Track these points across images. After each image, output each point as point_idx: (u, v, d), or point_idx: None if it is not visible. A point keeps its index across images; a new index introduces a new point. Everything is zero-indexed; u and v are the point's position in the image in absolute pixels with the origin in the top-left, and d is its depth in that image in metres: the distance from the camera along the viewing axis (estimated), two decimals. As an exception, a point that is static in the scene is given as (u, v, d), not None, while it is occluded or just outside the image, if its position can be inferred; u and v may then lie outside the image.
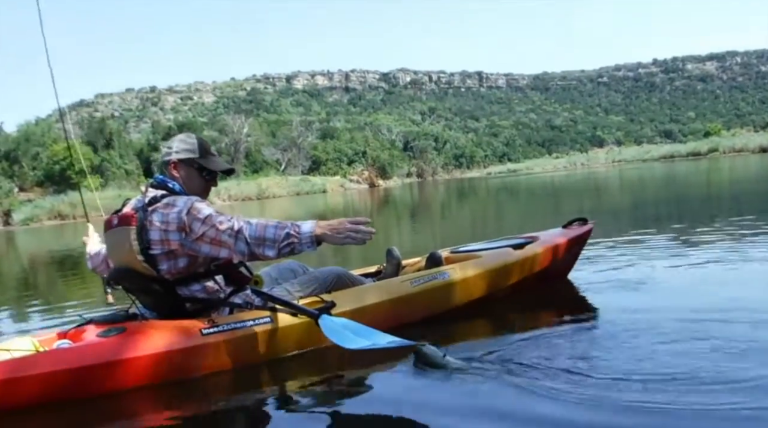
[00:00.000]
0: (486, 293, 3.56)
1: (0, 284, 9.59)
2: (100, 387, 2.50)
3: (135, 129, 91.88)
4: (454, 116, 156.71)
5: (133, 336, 2.57)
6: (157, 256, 2.65)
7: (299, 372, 2.77)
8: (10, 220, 38.10)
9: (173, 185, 2.80)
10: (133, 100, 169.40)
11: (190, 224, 2.63)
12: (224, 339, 2.67)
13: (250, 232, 2.63)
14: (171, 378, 2.60)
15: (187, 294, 2.75)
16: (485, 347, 2.79)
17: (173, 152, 2.83)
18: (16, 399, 2.38)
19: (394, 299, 3.16)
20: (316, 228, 2.65)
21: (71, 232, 24.64)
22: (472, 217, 13.92)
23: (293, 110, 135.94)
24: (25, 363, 2.43)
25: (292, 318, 2.81)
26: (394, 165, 68.34)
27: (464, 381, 2.41)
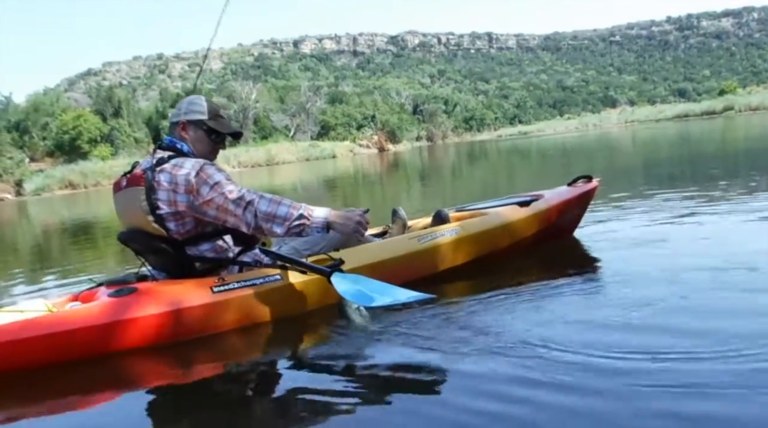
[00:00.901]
0: (491, 250, 3.58)
1: (13, 251, 9.72)
2: (112, 346, 2.52)
3: (143, 97, 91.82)
4: (464, 78, 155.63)
5: (143, 295, 2.59)
6: (165, 216, 2.65)
7: (309, 329, 2.77)
8: (21, 190, 38.37)
9: (182, 146, 2.80)
10: (140, 68, 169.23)
11: (198, 188, 2.63)
12: (234, 297, 2.69)
13: (262, 206, 2.65)
14: (182, 336, 2.62)
15: (197, 254, 2.75)
16: (487, 305, 2.82)
17: (182, 113, 2.84)
18: (29, 358, 2.42)
19: (401, 256, 3.18)
20: (329, 215, 2.72)
21: (83, 201, 24.79)
22: (482, 179, 13.80)
23: (301, 74, 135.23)
24: (37, 323, 2.46)
25: (302, 276, 2.82)
26: (404, 129, 67.89)
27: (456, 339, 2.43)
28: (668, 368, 1.96)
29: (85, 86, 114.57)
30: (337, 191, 14.51)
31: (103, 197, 26.03)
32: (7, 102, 50.36)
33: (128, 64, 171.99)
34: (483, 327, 2.52)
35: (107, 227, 12.14)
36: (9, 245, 11.10)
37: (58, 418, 2.23)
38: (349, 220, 2.74)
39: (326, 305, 2.88)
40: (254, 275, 2.78)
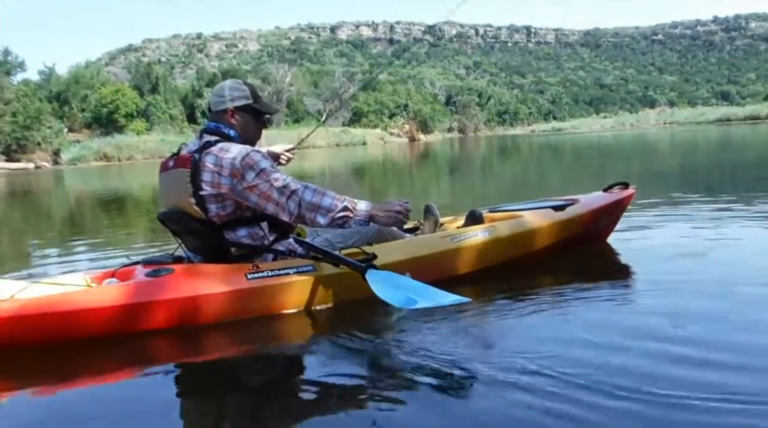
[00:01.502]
0: (524, 253, 3.55)
1: (49, 220, 9.91)
2: (147, 324, 2.57)
3: (180, 75, 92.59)
4: (500, 71, 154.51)
5: (180, 277, 2.64)
6: (207, 198, 2.68)
7: (338, 321, 2.77)
8: (58, 159, 39.05)
9: (228, 131, 2.82)
10: (179, 47, 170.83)
11: (243, 173, 2.65)
12: (268, 285, 2.72)
13: (307, 196, 2.69)
14: (215, 320, 2.67)
15: (234, 239, 2.77)
16: (516, 306, 2.84)
17: (227, 100, 2.84)
18: (66, 331, 2.47)
19: (434, 254, 3.16)
20: (371, 209, 2.76)
21: (116, 174, 25.13)
22: (513, 175, 13.64)
23: (336, 60, 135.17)
24: (77, 297, 2.52)
25: (334, 268, 2.83)
26: (436, 119, 67.64)
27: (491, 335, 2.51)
28: (696, 379, 1.92)
29: (125, 61, 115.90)
30: (365, 180, 14.44)
31: (136, 172, 26.33)
32: (50, 73, 51.01)
33: (167, 41, 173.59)
34: (509, 330, 2.55)
35: (138, 201, 12.28)
36: (44, 213, 11.30)
37: (86, 392, 2.26)
38: (390, 211, 2.77)
39: (357, 298, 2.84)
40: (288, 265, 2.80)
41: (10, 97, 40.22)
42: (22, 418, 2.01)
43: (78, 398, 2.18)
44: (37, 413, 2.04)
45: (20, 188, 19.25)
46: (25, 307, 2.44)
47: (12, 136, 38.51)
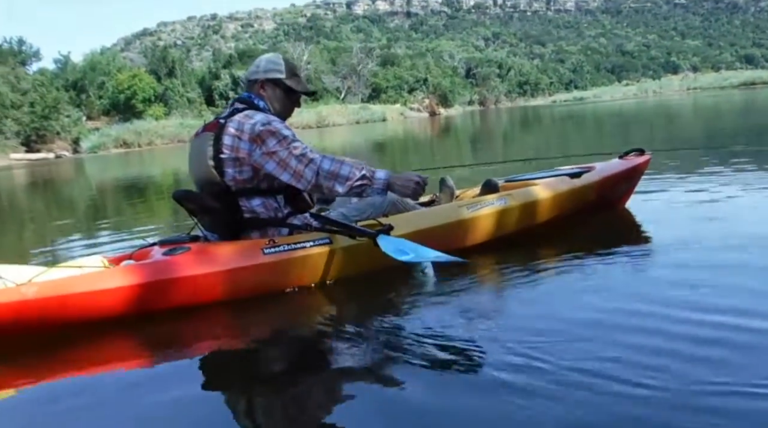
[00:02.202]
0: (541, 221, 3.58)
1: (71, 208, 10.01)
2: (164, 303, 2.60)
3: (197, 57, 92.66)
4: (519, 41, 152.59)
5: (197, 254, 2.67)
6: (225, 160, 2.72)
7: (356, 294, 2.80)
8: (78, 148, 39.38)
9: (258, 101, 2.87)
10: (194, 29, 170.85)
11: (264, 139, 2.69)
12: (284, 259, 2.74)
13: (325, 165, 2.70)
14: (232, 296, 2.69)
15: (248, 207, 2.79)
16: (531, 272, 2.88)
17: (261, 71, 2.90)
18: (85, 312, 2.50)
19: (450, 223, 3.17)
20: (389, 178, 2.76)
21: (136, 160, 25.31)
22: (534, 146, 13.50)
23: (353, 36, 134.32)
24: (95, 278, 2.55)
25: (350, 241, 2.85)
26: (456, 93, 67.03)
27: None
28: (713, 351, 1.88)
29: (141, 46, 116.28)
30: (386, 155, 14.39)
31: (156, 157, 26.51)
32: (66, 61, 51.26)
33: (182, 24, 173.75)
34: (527, 299, 2.56)
35: (159, 186, 12.35)
36: (66, 201, 11.41)
37: (102, 375, 2.28)
38: (408, 181, 2.76)
39: (373, 269, 2.90)
40: (304, 239, 2.81)
41: (27, 87, 40.55)
42: (40, 403, 2.01)
43: (94, 381, 2.20)
44: (52, 398, 2.04)
45: (41, 178, 19.45)
46: (43, 290, 2.45)
47: (31, 126, 38.86)
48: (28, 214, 9.87)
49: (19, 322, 2.44)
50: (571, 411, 1.61)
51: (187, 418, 1.83)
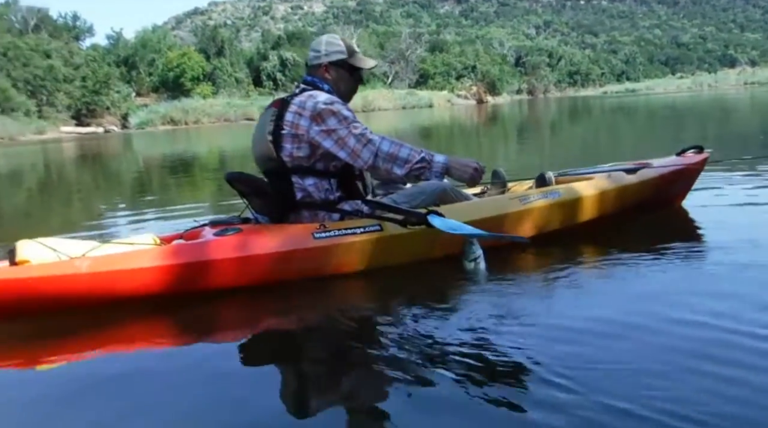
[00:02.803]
0: (595, 216, 3.49)
1: (118, 182, 10.27)
2: (214, 283, 2.63)
3: (246, 38, 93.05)
4: (571, 30, 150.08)
5: (248, 235, 2.70)
6: (284, 136, 2.75)
7: (405, 282, 2.78)
8: (127, 123, 40.17)
9: (322, 85, 2.90)
10: (245, 9, 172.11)
11: (324, 117, 2.72)
12: (335, 244, 2.75)
13: (384, 146, 2.73)
14: (282, 278, 2.71)
15: (300, 185, 2.81)
16: (583, 270, 2.87)
17: (323, 55, 2.91)
18: (136, 289, 2.54)
19: (502, 215, 3.13)
20: (448, 161, 2.76)
21: (183, 137, 25.67)
22: (583, 138, 13.23)
23: (403, 21, 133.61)
24: (147, 255, 2.59)
25: (401, 229, 2.83)
26: (504, 81, 66.21)
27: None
28: None
29: (191, 25, 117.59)
30: (431, 142, 14.26)
31: (203, 135, 26.82)
32: (118, 38, 52.19)
33: (233, 4, 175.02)
34: (577, 295, 2.53)
35: (205, 164, 12.48)
36: (114, 176, 11.61)
37: (149, 349, 2.33)
38: (467, 167, 2.76)
39: (422, 259, 2.89)
40: (354, 225, 2.82)
41: (80, 62, 41.53)
42: (91, 377, 2.03)
43: (140, 358, 2.21)
44: (99, 373, 2.06)
45: (90, 152, 19.87)
46: (96, 264, 2.49)
47: (82, 100, 39.83)
48: (75, 187, 10.05)
49: (72, 296, 2.47)
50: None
51: (223, 398, 1.81)
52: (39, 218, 6.65)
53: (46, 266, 2.48)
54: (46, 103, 38.85)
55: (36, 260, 2.50)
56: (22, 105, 36.86)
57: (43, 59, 39.60)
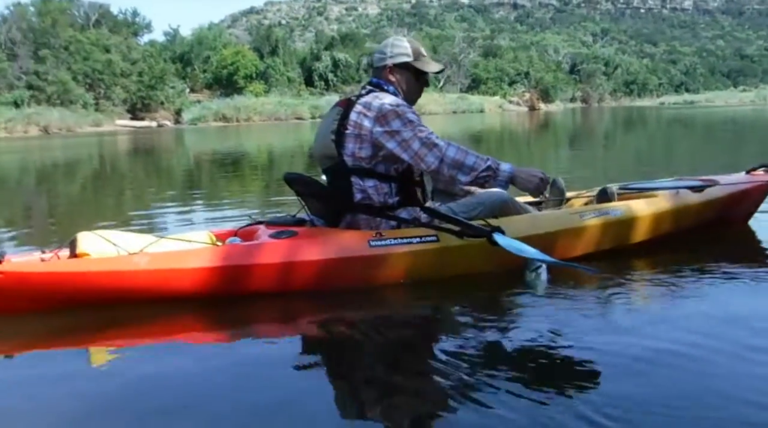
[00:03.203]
0: (658, 235, 3.37)
1: (168, 177, 10.45)
2: (269, 286, 2.63)
3: (300, 38, 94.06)
4: (630, 39, 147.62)
5: (303, 240, 2.70)
6: (347, 135, 2.74)
7: (460, 295, 2.74)
8: (180, 119, 40.94)
9: (387, 87, 2.89)
10: (300, 9, 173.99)
11: (389, 119, 2.70)
12: (390, 253, 2.72)
13: (450, 152, 2.69)
14: (336, 285, 2.69)
15: (360, 186, 2.78)
16: (644, 290, 2.78)
17: (388, 57, 2.91)
18: (192, 287, 2.55)
19: (562, 230, 3.06)
20: (514, 170, 2.73)
21: (234, 134, 25.96)
22: (638, 149, 12.87)
23: (456, 25, 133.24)
24: (204, 254, 2.62)
25: (458, 240, 2.79)
26: (558, 88, 65.35)
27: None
28: None
29: (247, 24, 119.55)
30: (481, 148, 14.05)
31: (253, 133, 27.09)
32: (174, 34, 53.20)
33: (288, 4, 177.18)
34: (640, 314, 2.44)
35: (255, 162, 12.54)
36: (165, 170, 11.77)
37: (210, 348, 2.34)
38: (532, 177, 2.73)
39: (478, 272, 2.85)
40: (411, 234, 2.78)
41: (137, 57, 42.48)
42: (137, 370, 2.04)
43: (189, 355, 2.22)
44: (146, 364, 2.08)
45: (143, 146, 20.25)
46: (154, 261, 2.53)
47: (137, 95, 40.77)
48: (128, 179, 10.21)
49: (130, 292, 2.51)
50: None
51: (269, 400, 1.80)
52: (92, 207, 6.81)
53: (106, 261, 2.53)
54: (103, 97, 39.81)
55: (95, 253, 2.56)
56: (81, 98, 37.87)
57: (103, 54, 40.59)
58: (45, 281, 2.46)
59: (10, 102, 35.20)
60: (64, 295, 2.48)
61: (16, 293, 2.45)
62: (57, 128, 33.13)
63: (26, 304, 2.48)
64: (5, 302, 2.45)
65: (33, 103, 35.81)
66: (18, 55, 38.20)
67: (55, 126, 33.14)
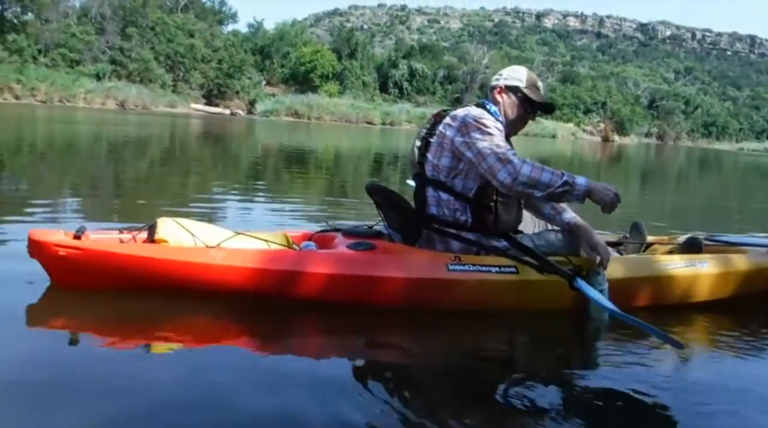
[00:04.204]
0: (745, 293, 3.15)
1: (235, 166, 10.50)
2: (342, 296, 2.59)
3: (379, 44, 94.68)
4: (713, 80, 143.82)
5: (381, 254, 2.66)
6: (431, 144, 2.77)
7: (534, 331, 2.68)
8: (252, 109, 41.73)
9: (490, 106, 2.86)
10: (383, 16, 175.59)
11: (469, 129, 2.67)
12: (467, 279, 2.64)
13: (526, 170, 2.61)
14: (409, 304, 2.64)
15: (435, 198, 2.77)
16: (719, 351, 2.60)
17: (502, 78, 2.91)
18: (268, 288, 2.54)
19: (646, 277, 2.92)
20: (590, 185, 2.64)
21: (303, 131, 26.27)
22: (711, 195, 12.36)
23: (537, 48, 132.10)
24: (282, 257, 2.61)
25: (537, 275, 2.70)
26: (634, 122, 64.12)
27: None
28: None
29: (329, 24, 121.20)
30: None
31: (322, 132, 27.33)
32: (258, 27, 54.25)
33: (372, 9, 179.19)
34: (714, 384, 2.20)
35: (320, 161, 12.56)
36: (233, 159, 11.89)
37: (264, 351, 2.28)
38: (608, 191, 2.63)
39: (556, 310, 2.75)
40: (490, 262, 2.70)
41: (219, 45, 43.57)
42: (203, 365, 2.04)
43: (240, 356, 2.18)
44: (234, 366, 2.06)
45: (213, 132, 20.62)
46: (231, 257, 2.53)
47: (215, 81, 41.82)
48: (195, 163, 10.33)
49: (204, 284, 2.51)
50: None
51: (321, 408, 1.77)
52: (157, 187, 6.87)
53: (184, 250, 2.54)
54: (181, 79, 40.95)
55: (173, 240, 2.58)
56: (160, 78, 39.05)
57: (186, 38, 41.78)
58: (122, 263, 2.49)
59: (92, 74, 36.59)
60: (138, 278, 2.51)
61: (92, 270, 2.48)
62: (133, 104, 34.20)
63: (100, 282, 2.51)
64: (80, 277, 2.49)
65: (114, 77, 37.11)
66: (106, 30, 39.69)
67: (131, 102, 34.23)
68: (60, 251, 2.44)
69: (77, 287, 2.51)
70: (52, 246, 2.45)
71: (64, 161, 8.67)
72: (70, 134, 14.67)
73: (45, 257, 2.48)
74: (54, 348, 2.07)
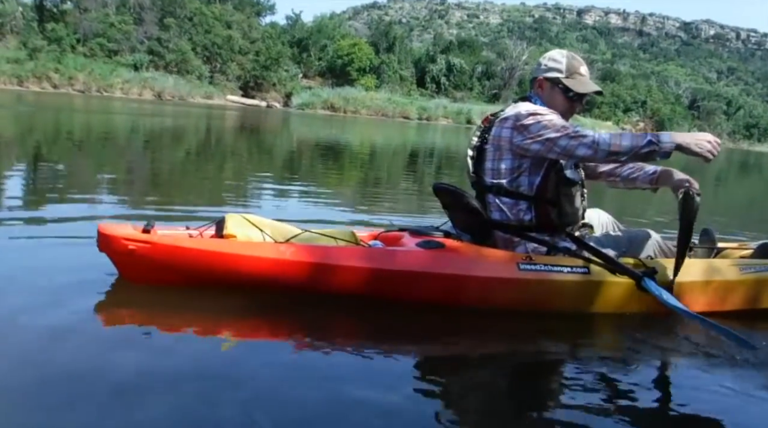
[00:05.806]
0: None
1: (269, 159, 10.56)
2: (411, 294, 2.60)
3: (418, 38, 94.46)
4: (757, 81, 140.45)
5: (451, 253, 2.63)
6: (487, 151, 2.71)
7: (604, 333, 2.69)
8: (289, 102, 41.90)
9: (534, 100, 2.80)
10: (422, 10, 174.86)
11: (527, 125, 2.60)
12: (540, 279, 2.62)
13: (604, 138, 2.55)
14: (480, 304, 2.62)
15: (496, 205, 2.73)
16: None
17: (542, 69, 2.82)
18: (336, 285, 2.55)
19: (718, 281, 2.88)
20: (676, 138, 2.51)
21: (339, 125, 26.29)
22: (750, 198, 12.08)
23: (577, 45, 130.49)
24: (351, 254, 2.60)
25: (609, 275, 2.67)
26: (674, 122, 62.90)
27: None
28: None
29: (367, 18, 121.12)
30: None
31: (358, 126, 27.35)
32: (296, 19, 54.30)
33: (411, 3, 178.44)
34: None
35: (354, 156, 12.57)
36: (267, 151, 11.96)
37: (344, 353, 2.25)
38: (700, 141, 2.49)
39: (626, 311, 2.72)
40: (562, 262, 2.67)
41: (257, 37, 43.75)
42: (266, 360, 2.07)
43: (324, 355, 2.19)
44: (290, 360, 2.09)
45: (249, 124, 20.76)
46: (300, 253, 2.53)
47: (251, 73, 42.05)
48: (230, 155, 10.42)
49: (272, 279, 2.52)
50: None
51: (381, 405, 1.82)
52: (192, 178, 6.92)
53: (253, 245, 2.56)
54: (218, 71, 41.26)
55: (242, 236, 2.60)
56: (197, 69, 39.40)
57: (224, 29, 42.04)
58: (191, 257, 2.49)
59: (130, 64, 37.08)
60: (207, 273, 2.52)
61: (161, 265, 2.50)
62: (170, 94, 34.60)
63: (168, 276, 2.53)
64: (148, 271, 2.51)
65: (151, 68, 37.54)
66: (144, 20, 40.14)
67: (168, 93, 34.64)
68: (129, 245, 2.46)
69: (145, 281, 2.53)
70: (121, 240, 2.46)
71: (108, 153, 8.78)
72: (114, 124, 14.97)
73: (114, 251, 2.50)
74: (126, 341, 2.11)
